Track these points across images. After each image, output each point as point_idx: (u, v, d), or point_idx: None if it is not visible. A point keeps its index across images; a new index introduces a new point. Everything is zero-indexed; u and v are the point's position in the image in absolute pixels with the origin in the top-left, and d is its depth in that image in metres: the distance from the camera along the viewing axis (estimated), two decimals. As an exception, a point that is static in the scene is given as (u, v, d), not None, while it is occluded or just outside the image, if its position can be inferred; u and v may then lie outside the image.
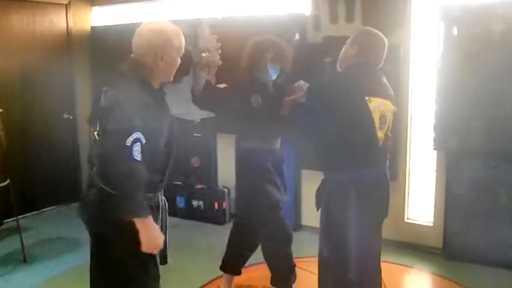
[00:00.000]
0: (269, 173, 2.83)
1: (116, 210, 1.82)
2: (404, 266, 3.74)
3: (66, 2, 5.11)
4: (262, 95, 2.75)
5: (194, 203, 4.82)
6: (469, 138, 3.58)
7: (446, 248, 3.83)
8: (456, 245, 3.77)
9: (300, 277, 3.07)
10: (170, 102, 2.14)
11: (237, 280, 3.21)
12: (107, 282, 2.04)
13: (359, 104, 2.35)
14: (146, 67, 1.97)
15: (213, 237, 4.21)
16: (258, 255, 3.06)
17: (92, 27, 5.35)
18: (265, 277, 3.09)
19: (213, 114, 3.64)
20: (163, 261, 2.08)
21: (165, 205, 2.12)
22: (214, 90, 2.90)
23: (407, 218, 4.08)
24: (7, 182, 3.75)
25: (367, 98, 2.35)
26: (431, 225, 3.96)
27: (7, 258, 3.89)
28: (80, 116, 5.19)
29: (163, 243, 1.97)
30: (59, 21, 5.11)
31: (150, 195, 1.98)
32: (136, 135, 1.78)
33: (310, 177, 4.02)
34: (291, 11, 4.23)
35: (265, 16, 4.28)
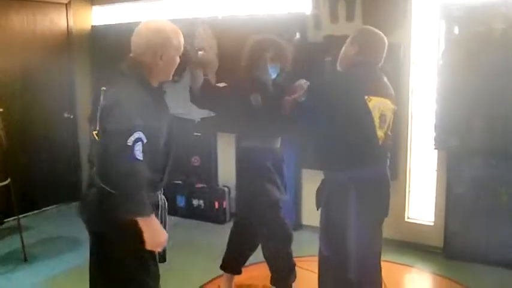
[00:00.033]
0: (269, 172, 2.83)
1: (119, 210, 1.81)
2: (404, 265, 3.74)
3: (66, 1, 5.11)
4: (262, 94, 2.75)
5: (194, 202, 4.82)
6: (469, 137, 3.58)
7: (447, 248, 3.83)
8: (457, 244, 3.76)
9: (300, 276, 3.07)
10: (170, 101, 2.14)
11: (237, 279, 3.21)
12: (107, 282, 2.04)
13: (358, 103, 2.35)
14: (145, 66, 1.97)
15: (214, 237, 4.21)
16: (258, 255, 3.06)
17: (92, 27, 5.35)
18: (265, 276, 3.09)
19: (213, 114, 3.63)
20: (161, 259, 2.08)
21: (164, 204, 2.12)
22: (213, 89, 2.89)
23: (407, 218, 4.07)
24: (8, 181, 3.76)
25: (367, 97, 2.34)
26: (431, 224, 3.96)
27: (8, 257, 3.90)
28: (80, 115, 5.18)
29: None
30: (59, 20, 5.11)
31: (150, 194, 1.97)
32: (137, 135, 1.78)
33: (310, 177, 4.02)
34: (291, 10, 4.22)
35: (266, 15, 4.27)
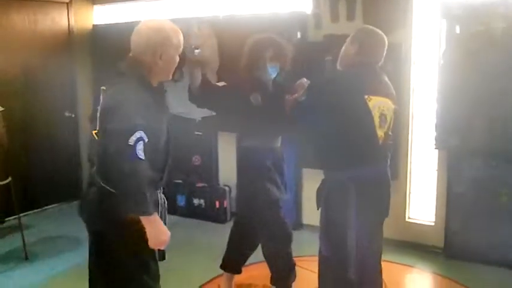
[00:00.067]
0: (269, 171, 2.82)
1: (121, 209, 1.82)
2: (405, 265, 3.74)
3: (67, 0, 5.12)
4: (262, 93, 2.74)
5: (195, 202, 4.82)
6: (470, 137, 3.58)
7: (447, 248, 3.82)
8: (457, 244, 3.76)
9: (300, 276, 3.07)
10: (171, 100, 2.14)
11: (237, 279, 3.21)
12: (107, 282, 2.04)
13: (358, 103, 2.35)
14: (145, 65, 1.96)
15: (214, 236, 4.21)
16: (258, 254, 3.06)
17: (94, 26, 5.36)
18: (265, 276, 3.09)
19: (214, 113, 3.63)
20: (161, 257, 2.09)
21: (164, 203, 2.12)
22: (211, 87, 2.88)
23: (408, 217, 4.07)
24: (9, 180, 3.76)
25: (367, 97, 2.34)
26: (432, 224, 3.95)
27: (8, 256, 3.91)
28: (82, 114, 5.19)
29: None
30: (60, 19, 5.11)
31: (150, 193, 1.98)
32: (139, 134, 1.78)
33: (310, 176, 4.02)
34: (292, 9, 4.22)
35: (266, 14, 4.27)
